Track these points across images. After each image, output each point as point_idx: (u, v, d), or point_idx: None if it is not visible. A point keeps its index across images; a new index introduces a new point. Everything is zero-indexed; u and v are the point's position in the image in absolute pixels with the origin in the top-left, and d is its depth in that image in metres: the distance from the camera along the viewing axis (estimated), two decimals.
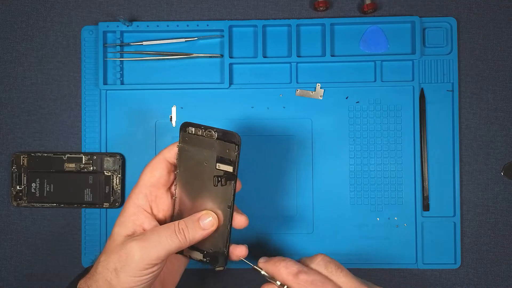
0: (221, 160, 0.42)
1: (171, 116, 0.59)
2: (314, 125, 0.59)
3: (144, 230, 0.43)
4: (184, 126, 0.44)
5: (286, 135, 0.59)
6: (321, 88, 0.59)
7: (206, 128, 0.43)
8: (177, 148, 0.44)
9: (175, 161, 0.45)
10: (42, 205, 0.59)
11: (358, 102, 0.59)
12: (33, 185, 0.58)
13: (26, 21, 0.60)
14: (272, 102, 0.59)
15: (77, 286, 0.42)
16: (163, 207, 0.45)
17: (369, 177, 0.58)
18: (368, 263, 0.58)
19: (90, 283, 0.42)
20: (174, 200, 0.45)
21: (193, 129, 0.43)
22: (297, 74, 0.59)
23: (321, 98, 0.59)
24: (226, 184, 0.43)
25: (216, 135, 0.42)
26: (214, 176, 0.43)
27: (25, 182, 0.59)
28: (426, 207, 0.58)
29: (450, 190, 0.58)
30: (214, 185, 0.43)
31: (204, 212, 0.44)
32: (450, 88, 0.59)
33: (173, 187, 0.46)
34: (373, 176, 0.58)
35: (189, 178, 0.44)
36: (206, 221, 0.43)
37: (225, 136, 0.42)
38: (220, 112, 0.59)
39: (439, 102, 0.59)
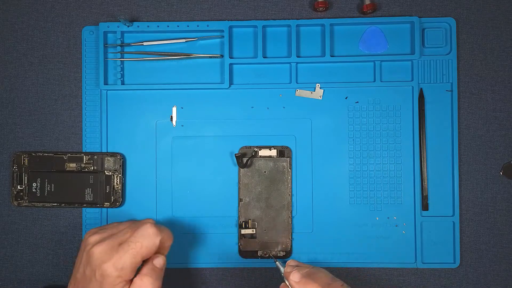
0: None
1: (171, 116, 0.59)
2: (313, 125, 0.59)
3: None
4: None
5: (286, 135, 0.59)
6: (320, 88, 0.59)
7: None
8: None
9: None
10: (43, 204, 0.59)
11: (357, 102, 0.59)
12: (34, 184, 0.59)
13: (27, 21, 0.61)
14: (272, 102, 0.59)
15: None
16: None
17: (369, 176, 0.59)
18: (367, 263, 0.58)
19: None
20: None
21: None
22: (296, 74, 0.59)
23: (321, 98, 0.59)
24: None
25: None
26: None
27: (26, 182, 0.59)
28: (425, 207, 0.58)
29: (449, 189, 0.58)
30: None
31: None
32: (449, 88, 0.59)
33: None
34: (373, 175, 0.59)
35: None
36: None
37: None
38: (220, 112, 0.59)
39: (438, 102, 0.59)
